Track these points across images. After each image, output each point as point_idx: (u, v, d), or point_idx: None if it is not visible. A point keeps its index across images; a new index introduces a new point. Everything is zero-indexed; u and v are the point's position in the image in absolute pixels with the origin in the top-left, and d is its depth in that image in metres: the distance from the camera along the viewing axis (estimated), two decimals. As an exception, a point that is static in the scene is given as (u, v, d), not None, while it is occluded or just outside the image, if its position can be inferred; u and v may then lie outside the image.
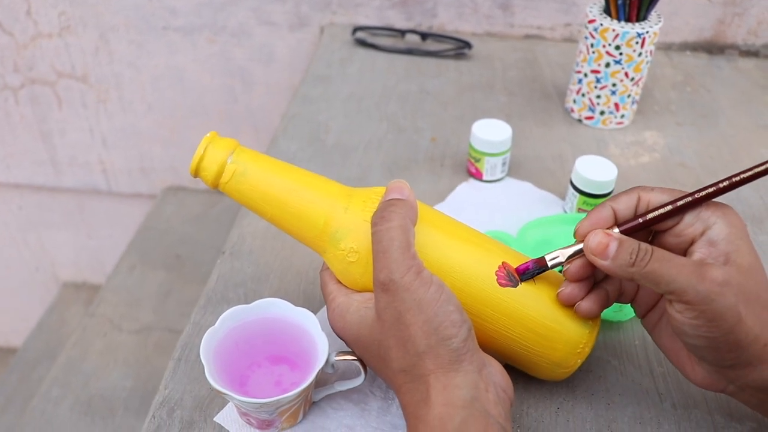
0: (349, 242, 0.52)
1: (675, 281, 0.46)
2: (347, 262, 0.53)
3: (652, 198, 0.51)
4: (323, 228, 0.53)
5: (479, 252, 0.54)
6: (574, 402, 0.59)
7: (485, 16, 1.17)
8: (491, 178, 0.83)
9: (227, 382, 0.54)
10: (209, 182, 0.54)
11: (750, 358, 0.47)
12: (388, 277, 0.47)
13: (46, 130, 1.41)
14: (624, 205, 0.52)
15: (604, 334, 0.65)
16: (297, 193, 0.54)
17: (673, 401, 0.59)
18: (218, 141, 0.54)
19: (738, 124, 0.98)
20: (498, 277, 0.53)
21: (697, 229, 0.49)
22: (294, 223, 0.54)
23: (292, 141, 0.91)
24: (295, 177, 0.55)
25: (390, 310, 0.47)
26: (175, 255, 1.32)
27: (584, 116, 0.95)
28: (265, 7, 1.20)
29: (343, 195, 0.54)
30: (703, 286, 0.46)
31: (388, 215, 0.49)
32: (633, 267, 0.48)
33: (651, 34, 0.87)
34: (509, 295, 0.53)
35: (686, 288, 0.46)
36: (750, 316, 0.46)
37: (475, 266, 0.53)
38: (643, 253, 0.48)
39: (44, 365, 1.45)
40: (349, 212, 0.53)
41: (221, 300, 0.68)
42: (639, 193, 0.52)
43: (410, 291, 0.47)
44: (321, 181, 0.55)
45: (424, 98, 1.02)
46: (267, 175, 0.54)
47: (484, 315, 0.53)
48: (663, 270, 0.47)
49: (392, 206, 0.50)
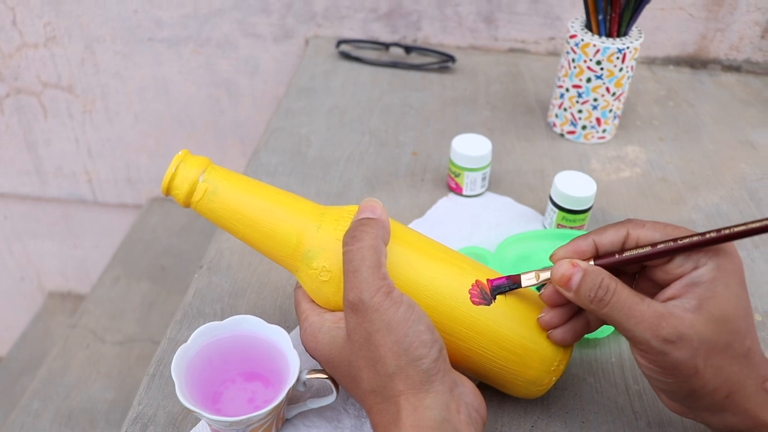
0: (321, 261, 0.52)
1: (631, 330, 0.47)
2: (319, 281, 0.52)
3: (641, 235, 0.50)
4: (295, 247, 0.53)
5: (452, 270, 0.54)
6: (549, 420, 0.59)
7: (469, 29, 1.18)
8: (471, 193, 0.83)
9: (200, 398, 0.53)
10: (181, 201, 0.54)
11: (710, 406, 0.48)
12: (358, 297, 0.46)
13: (32, 140, 1.41)
14: (609, 239, 0.51)
15: (581, 351, 0.65)
16: (269, 212, 0.54)
17: (648, 419, 0.59)
18: (190, 159, 0.54)
19: (720, 139, 0.99)
20: (471, 296, 0.53)
21: (687, 269, 0.48)
22: (266, 242, 0.54)
23: (274, 154, 0.91)
24: (267, 196, 0.54)
25: (359, 331, 0.47)
26: (160, 266, 1.32)
27: (566, 131, 0.96)
28: (250, 19, 1.20)
29: (316, 213, 0.54)
30: (656, 340, 0.46)
31: (359, 234, 0.49)
32: (592, 304, 0.48)
33: (632, 49, 0.87)
34: (483, 314, 0.53)
35: (641, 339, 0.46)
36: (709, 369, 0.46)
37: (448, 284, 0.53)
38: (603, 292, 0.47)
39: (28, 375, 1.45)
40: (321, 231, 0.53)
41: (197, 315, 0.68)
42: (629, 228, 0.51)
43: (379, 311, 0.46)
44: (293, 200, 0.55)
45: (407, 112, 1.02)
46: (238, 194, 0.54)
47: (458, 333, 0.53)
48: (620, 317, 0.47)
49: (363, 225, 0.50)
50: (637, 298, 0.47)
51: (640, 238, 0.50)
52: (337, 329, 0.51)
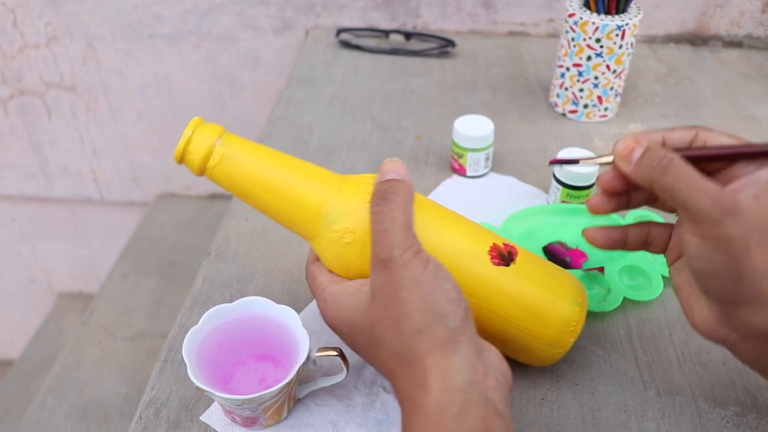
0: (343, 223, 0.52)
1: (690, 198, 0.45)
2: (342, 243, 0.52)
3: (709, 138, 0.50)
4: (316, 211, 0.52)
5: (471, 233, 0.55)
6: (559, 392, 0.59)
7: (468, 14, 1.18)
8: (475, 174, 0.84)
9: (211, 380, 0.54)
10: (195, 166, 0.52)
11: (754, 295, 0.46)
12: (389, 254, 0.46)
13: (37, 140, 1.42)
14: (678, 135, 0.50)
15: (589, 324, 0.65)
16: (288, 177, 0.53)
17: (658, 389, 0.59)
18: (205, 125, 0.53)
19: (722, 114, 0.99)
20: (491, 257, 0.54)
21: (746, 172, 0.48)
22: (285, 207, 0.53)
23: (277, 143, 0.92)
24: (285, 161, 0.54)
25: (387, 288, 0.47)
26: (168, 261, 1.32)
27: (568, 110, 0.96)
28: (250, 12, 1.20)
29: (335, 179, 0.54)
30: (716, 210, 0.44)
31: (389, 196, 0.49)
32: (654, 173, 0.47)
33: (631, 26, 0.87)
34: (504, 274, 0.53)
35: (698, 207, 0.45)
36: (761, 252, 0.45)
37: (468, 246, 0.54)
38: (667, 161, 0.46)
39: (41, 376, 1.45)
40: (342, 194, 0.52)
41: (207, 301, 0.68)
42: (698, 131, 0.50)
43: (408, 268, 0.46)
44: (311, 167, 0.55)
45: (408, 97, 1.02)
46: (257, 159, 0.53)
47: (479, 293, 0.53)
48: (680, 185, 0.46)
49: (392, 187, 0.50)
50: (698, 174, 0.46)
51: (708, 140, 0.50)
52: (360, 293, 0.50)
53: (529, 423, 0.57)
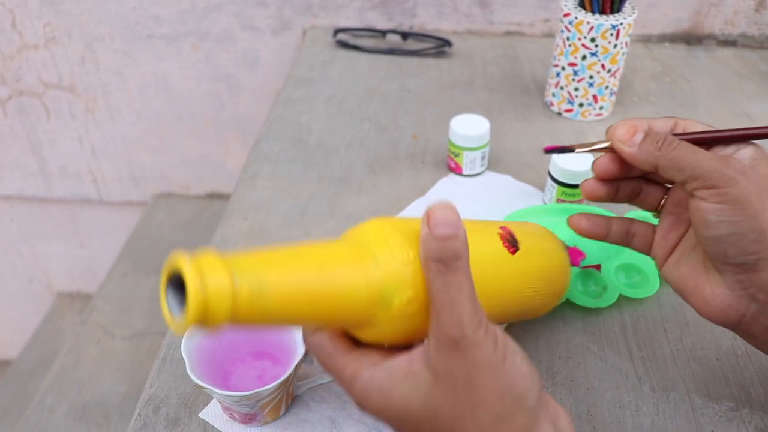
0: (401, 296, 0.42)
1: (700, 165, 0.47)
2: (406, 316, 0.43)
3: (688, 124, 0.52)
4: (368, 298, 0.42)
5: (481, 234, 0.53)
6: (554, 388, 0.60)
7: (465, 14, 1.18)
8: (471, 173, 0.84)
9: (210, 377, 0.55)
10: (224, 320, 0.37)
11: None
12: (460, 332, 0.40)
13: (36, 141, 1.42)
14: (661, 124, 0.52)
15: (584, 320, 0.66)
16: (324, 277, 0.42)
17: (652, 384, 0.60)
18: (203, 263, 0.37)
19: (717, 112, 0.99)
20: (507, 249, 0.53)
21: (729, 152, 0.50)
22: (335, 308, 0.42)
23: (275, 143, 0.92)
24: (307, 261, 0.42)
25: (458, 372, 0.40)
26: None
27: (564, 109, 0.96)
28: (248, 12, 1.21)
29: (360, 251, 0.43)
30: (727, 169, 0.46)
31: (451, 262, 0.41)
32: (659, 151, 0.48)
33: (625, 25, 0.88)
34: (519, 259, 0.53)
35: (711, 171, 0.46)
36: None
37: (489, 248, 0.52)
38: (670, 140, 0.49)
39: (40, 376, 1.46)
40: (382, 264, 0.42)
41: (205, 299, 0.69)
42: (676, 119, 0.53)
43: (482, 348, 0.40)
44: (327, 248, 0.44)
45: (406, 97, 1.03)
46: (284, 275, 0.40)
47: (511, 288, 0.53)
48: (689, 156, 0.47)
49: (452, 248, 0.41)
50: (699, 148, 0.49)
51: (687, 127, 0.52)
52: (415, 377, 0.42)
53: (524, 418, 0.57)
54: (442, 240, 0.40)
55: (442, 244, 0.40)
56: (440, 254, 0.40)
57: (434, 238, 0.40)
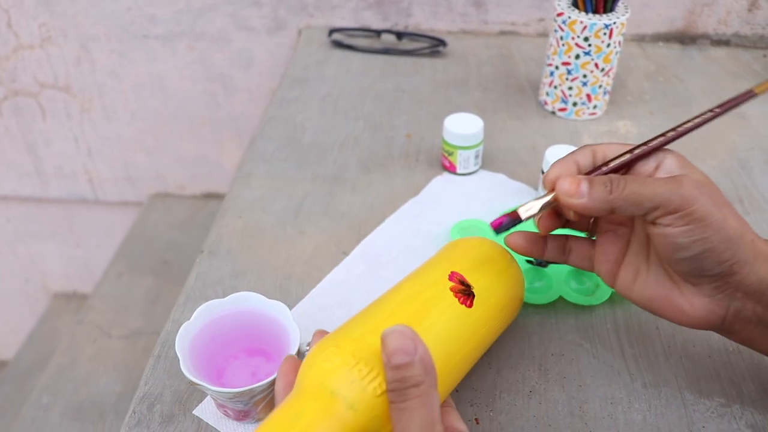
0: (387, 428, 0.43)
1: (657, 194, 0.48)
2: None
3: (607, 150, 0.53)
4: None
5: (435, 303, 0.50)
6: (547, 385, 0.60)
7: (459, 14, 1.19)
8: (465, 171, 0.85)
9: (204, 374, 0.55)
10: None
11: (744, 255, 0.48)
12: None
13: (31, 141, 1.42)
14: (583, 157, 0.54)
15: (577, 317, 0.66)
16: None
17: (644, 381, 0.60)
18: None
19: (710, 111, 1.00)
20: (464, 305, 0.52)
21: (651, 166, 0.52)
22: None
23: (270, 142, 0.93)
24: None
25: None
26: (163, 260, 1.33)
27: (557, 108, 0.97)
28: (243, 13, 1.21)
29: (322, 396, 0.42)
30: (684, 189, 0.47)
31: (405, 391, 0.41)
32: (611, 195, 0.49)
33: (618, 24, 0.88)
34: (482, 303, 0.53)
35: (670, 196, 0.47)
36: (728, 216, 0.48)
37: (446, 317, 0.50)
38: (617, 180, 0.49)
39: (36, 376, 1.46)
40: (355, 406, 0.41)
41: (200, 297, 0.69)
42: (593, 148, 0.54)
43: None
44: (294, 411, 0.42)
45: (400, 96, 1.03)
46: None
47: (480, 338, 0.53)
48: (642, 189, 0.48)
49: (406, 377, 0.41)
50: (644, 177, 0.50)
51: (606, 153, 0.53)
52: None
53: (517, 415, 0.58)
54: (396, 370, 0.40)
55: (396, 374, 0.41)
56: (395, 385, 0.41)
57: (390, 368, 0.41)
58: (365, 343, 0.43)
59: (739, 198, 0.82)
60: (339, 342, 0.44)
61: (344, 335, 0.45)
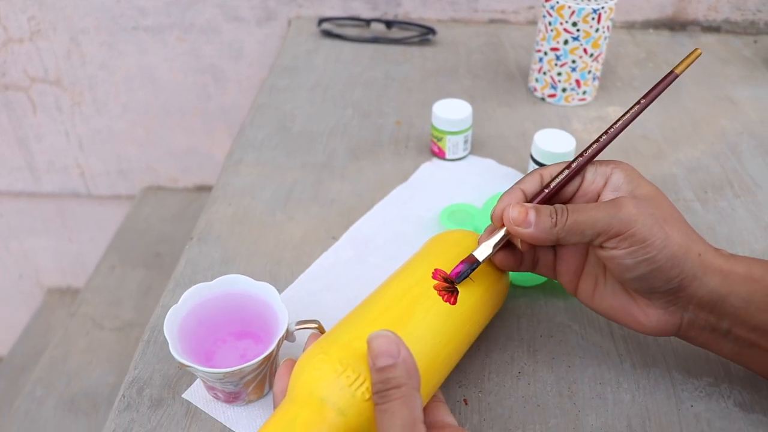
0: None
1: (597, 221, 0.49)
2: None
3: (551, 170, 0.55)
4: None
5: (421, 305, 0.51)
6: (535, 366, 0.60)
7: (449, 2, 1.19)
8: (454, 157, 0.85)
9: (192, 358, 0.55)
10: None
11: (692, 270, 0.49)
12: None
13: (22, 135, 1.42)
14: (530, 184, 0.55)
15: (565, 300, 0.66)
16: None
17: (633, 361, 0.61)
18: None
19: (700, 97, 1.00)
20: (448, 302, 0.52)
21: (599, 183, 0.53)
22: None
23: (259, 130, 0.93)
24: None
25: None
26: (155, 253, 1.33)
27: (547, 94, 0.97)
28: (232, 3, 1.21)
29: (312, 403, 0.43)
30: (622, 212, 0.49)
31: (388, 393, 0.42)
32: (555, 227, 0.50)
33: (607, 9, 0.88)
34: (467, 298, 0.54)
35: (609, 220, 0.49)
36: (674, 232, 0.49)
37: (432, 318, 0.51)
38: (561, 211, 0.51)
39: (30, 372, 1.46)
40: (345, 411, 0.43)
41: (189, 283, 0.69)
42: (540, 172, 0.55)
43: None
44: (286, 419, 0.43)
45: (389, 84, 1.03)
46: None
47: (467, 332, 0.54)
48: (583, 217, 0.50)
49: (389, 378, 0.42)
50: (586, 204, 0.51)
51: (552, 173, 0.55)
52: None
53: (506, 396, 0.58)
54: (381, 372, 0.42)
55: (380, 376, 0.42)
56: (378, 387, 0.42)
57: (374, 371, 0.43)
58: (352, 349, 0.45)
59: (729, 182, 0.83)
60: (327, 349, 0.45)
61: (332, 342, 0.46)
